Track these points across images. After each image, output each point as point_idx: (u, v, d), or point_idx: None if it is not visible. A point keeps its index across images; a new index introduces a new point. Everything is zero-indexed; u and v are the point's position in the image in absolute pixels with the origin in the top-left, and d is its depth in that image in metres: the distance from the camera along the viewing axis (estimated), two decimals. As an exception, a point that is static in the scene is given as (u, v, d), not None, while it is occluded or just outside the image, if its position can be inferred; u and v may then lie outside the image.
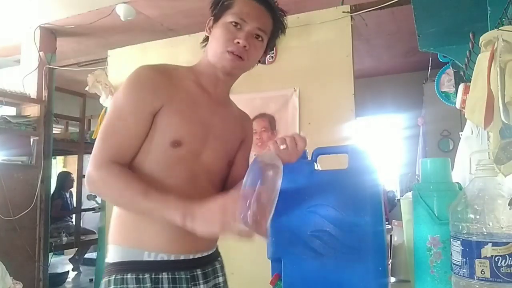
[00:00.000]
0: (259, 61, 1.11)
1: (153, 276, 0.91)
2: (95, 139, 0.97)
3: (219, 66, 1.01)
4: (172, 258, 0.95)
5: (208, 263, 1.03)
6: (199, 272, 0.98)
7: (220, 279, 1.07)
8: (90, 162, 0.92)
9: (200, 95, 1.03)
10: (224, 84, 1.07)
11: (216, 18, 1.03)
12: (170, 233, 0.94)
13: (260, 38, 1.02)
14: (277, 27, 1.08)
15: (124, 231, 0.97)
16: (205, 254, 1.02)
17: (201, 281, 0.98)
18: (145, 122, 0.94)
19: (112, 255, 0.96)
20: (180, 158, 0.96)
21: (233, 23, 0.99)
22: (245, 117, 1.20)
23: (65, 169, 6.15)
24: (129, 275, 0.91)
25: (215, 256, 1.08)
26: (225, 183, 1.11)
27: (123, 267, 0.93)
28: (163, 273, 0.92)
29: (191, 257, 0.97)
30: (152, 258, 0.93)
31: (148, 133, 0.95)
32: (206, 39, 1.07)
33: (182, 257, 0.96)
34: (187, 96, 1.00)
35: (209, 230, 0.85)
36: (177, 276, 0.94)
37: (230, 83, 1.10)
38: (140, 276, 0.91)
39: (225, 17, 1.01)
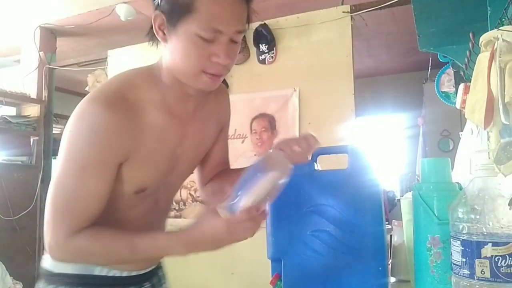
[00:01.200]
0: None
1: None
2: None
3: (194, 86, 0.84)
4: (125, 274, 0.91)
5: (154, 275, 1.01)
6: (147, 285, 0.97)
7: (165, 286, 1.05)
8: (49, 233, 0.78)
9: (167, 123, 0.86)
10: (196, 98, 0.90)
11: (172, 21, 0.78)
12: None
13: (236, 41, 0.82)
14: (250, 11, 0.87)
15: None
16: (153, 267, 1.00)
17: None
18: (111, 179, 0.80)
19: (58, 264, 0.86)
20: (141, 198, 0.88)
21: (204, 39, 0.77)
22: (221, 99, 1.05)
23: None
24: None
25: (159, 265, 1.05)
26: (200, 172, 1.08)
27: (71, 280, 0.85)
28: None
29: (141, 272, 0.95)
30: (104, 273, 0.87)
31: None
32: (153, 37, 0.85)
33: (134, 273, 0.93)
34: (153, 135, 0.83)
35: (216, 249, 0.81)
36: None
37: (204, 95, 0.93)
38: None
39: (187, 24, 0.76)
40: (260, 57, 2.75)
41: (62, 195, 0.79)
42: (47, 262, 0.89)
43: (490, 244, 0.69)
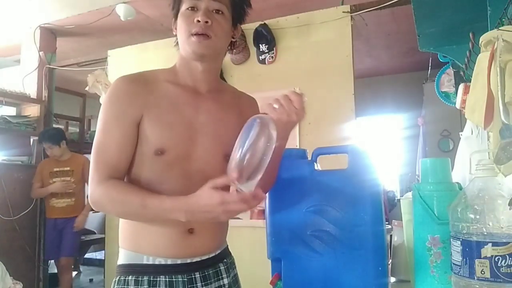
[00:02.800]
0: (233, 39, 1.07)
1: (151, 279, 0.96)
2: None
3: (190, 53, 0.99)
4: (169, 262, 0.97)
5: (210, 266, 1.02)
6: (197, 275, 0.99)
7: (225, 281, 1.04)
8: (90, 182, 0.95)
9: (180, 94, 1.01)
10: (204, 74, 1.03)
11: (175, 13, 1.03)
12: (166, 239, 0.97)
13: (220, 12, 0.99)
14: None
15: (126, 236, 1.01)
16: (204, 257, 1.01)
17: (199, 284, 0.99)
18: (130, 133, 0.95)
19: (120, 257, 1.02)
20: (167, 164, 0.96)
21: (189, 9, 0.98)
22: (247, 102, 1.16)
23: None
24: (130, 277, 0.97)
25: (220, 258, 1.06)
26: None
27: (126, 269, 0.98)
28: (161, 276, 0.96)
29: (188, 261, 0.99)
30: (150, 262, 0.97)
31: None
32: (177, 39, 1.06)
33: (179, 261, 0.98)
34: (165, 100, 0.99)
35: (211, 220, 0.90)
36: (174, 280, 0.96)
37: (211, 71, 1.05)
38: (140, 278, 0.96)
39: (181, 6, 1.00)
40: (260, 57, 2.75)
41: (95, 147, 0.96)
42: (118, 258, 1.02)
43: (490, 244, 0.69)
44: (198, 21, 0.96)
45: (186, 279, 0.97)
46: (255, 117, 0.87)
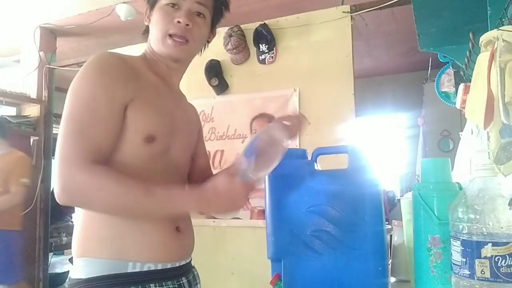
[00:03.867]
0: (208, 42, 1.06)
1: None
2: None
3: (164, 54, 0.95)
4: (160, 267, 0.88)
5: (189, 271, 1.00)
6: (184, 280, 0.94)
7: (199, 286, 1.04)
8: (61, 166, 0.78)
9: (161, 85, 0.97)
10: (175, 72, 1.02)
11: (152, 3, 0.97)
12: (157, 239, 0.88)
13: (202, 15, 0.96)
14: (219, 1, 1.01)
15: (100, 241, 0.85)
16: (188, 261, 1.00)
17: None
18: (119, 115, 0.84)
19: (86, 269, 0.84)
20: (153, 154, 0.89)
21: (170, 4, 0.93)
22: (193, 107, 1.16)
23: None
24: None
25: (191, 264, 1.04)
26: (189, 176, 1.10)
27: (103, 282, 0.82)
28: (151, 285, 0.85)
29: (177, 264, 0.92)
30: (137, 269, 0.84)
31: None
32: (147, 29, 1.01)
33: (169, 266, 0.90)
34: (152, 88, 0.93)
35: (227, 209, 0.86)
36: (164, 287, 0.88)
37: (182, 71, 1.04)
38: None
39: (159, 1, 0.94)
40: (260, 57, 2.75)
41: (74, 123, 0.81)
42: (76, 270, 0.86)
43: (490, 244, 0.69)
44: (179, 22, 0.92)
45: (176, 285, 0.90)
46: (273, 125, 0.94)
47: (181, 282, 0.93)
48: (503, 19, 0.90)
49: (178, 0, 0.93)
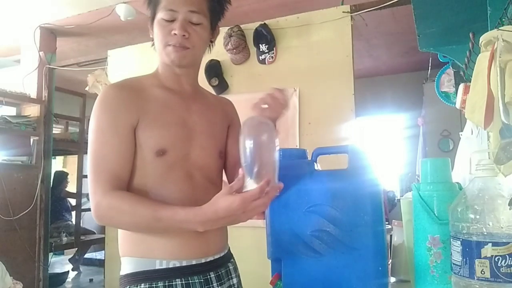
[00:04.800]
0: (212, 42, 1.08)
1: (166, 284, 0.92)
2: None
3: (169, 61, 1.00)
4: (184, 263, 0.95)
5: (221, 265, 1.03)
6: (212, 275, 0.99)
7: (234, 280, 1.07)
8: (90, 196, 0.91)
9: (169, 98, 1.01)
10: (186, 77, 1.05)
11: (152, 18, 1.02)
12: (179, 239, 0.95)
13: (198, 23, 0.99)
14: (214, 2, 1.03)
15: (133, 242, 0.97)
16: (217, 256, 1.02)
17: (214, 284, 0.99)
18: (128, 139, 0.93)
19: (125, 267, 0.97)
20: (169, 165, 0.96)
21: (165, 18, 0.97)
22: (225, 101, 1.20)
23: (64, 169, 6.11)
24: (142, 285, 0.92)
25: (228, 257, 1.08)
26: (227, 172, 1.12)
27: (135, 277, 0.94)
28: (177, 280, 0.93)
29: (202, 261, 0.98)
30: (164, 266, 0.94)
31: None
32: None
33: (194, 262, 0.96)
34: (158, 104, 0.98)
35: (233, 223, 0.88)
36: (190, 281, 0.94)
37: (192, 75, 1.08)
38: (154, 285, 0.92)
39: (157, 15, 0.99)
40: (260, 57, 2.75)
41: (92, 159, 0.92)
42: (121, 268, 0.98)
43: (490, 244, 0.69)
44: (175, 34, 0.96)
45: (202, 280, 0.96)
46: (252, 120, 0.89)
47: (208, 277, 0.98)
48: (503, 19, 0.90)
49: (172, 14, 0.97)
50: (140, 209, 0.87)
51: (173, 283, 0.92)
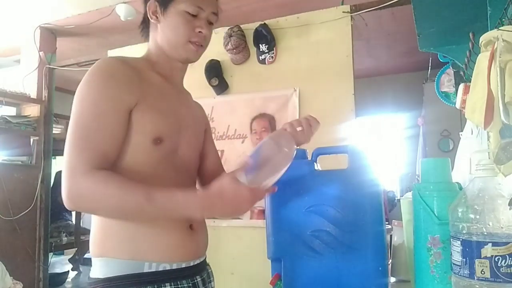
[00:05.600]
0: None
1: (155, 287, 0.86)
2: None
3: (181, 57, 0.99)
4: (175, 266, 0.89)
5: (203, 270, 1.01)
6: (198, 279, 0.96)
7: (213, 284, 1.05)
8: (67, 173, 0.80)
9: (164, 85, 0.98)
10: (180, 72, 1.05)
11: (164, 3, 0.97)
12: (172, 238, 0.89)
13: (211, 24, 1.01)
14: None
15: (118, 241, 0.87)
16: (202, 259, 1.00)
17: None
18: (124, 120, 0.85)
19: (104, 269, 0.86)
20: (162, 156, 0.90)
21: (190, 13, 0.96)
22: (200, 105, 1.18)
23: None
24: None
25: (206, 262, 1.05)
26: (200, 176, 1.11)
27: (121, 282, 0.84)
28: (166, 284, 0.87)
29: (191, 263, 0.94)
30: (153, 269, 0.86)
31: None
32: (145, 24, 1.06)
33: (183, 265, 0.91)
34: (155, 88, 0.94)
35: (232, 213, 0.84)
36: (179, 286, 0.90)
37: (184, 69, 1.07)
38: None
39: (177, 4, 0.96)
40: (260, 57, 2.75)
41: (77, 131, 0.82)
42: (94, 270, 0.88)
43: (490, 244, 0.69)
44: (200, 32, 0.97)
45: (190, 284, 0.92)
46: (281, 133, 0.96)
47: (196, 281, 0.95)
48: (503, 19, 0.90)
49: (199, 11, 0.97)
50: (131, 190, 0.79)
51: (162, 287, 0.86)
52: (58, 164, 6.64)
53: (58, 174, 5.29)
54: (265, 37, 2.70)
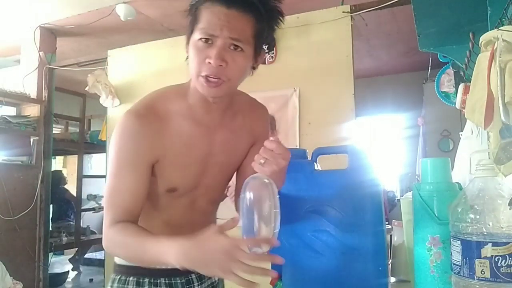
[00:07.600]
0: (254, 68, 0.98)
1: (152, 281, 1.00)
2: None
3: (199, 90, 0.89)
4: (169, 266, 0.90)
5: None
6: (193, 276, 1.04)
7: (216, 278, 1.10)
8: (103, 225, 0.93)
9: (194, 132, 0.94)
10: (218, 104, 0.95)
11: (188, 35, 0.89)
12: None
13: (239, 49, 0.85)
14: (268, 23, 0.89)
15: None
16: None
17: (195, 284, 1.04)
18: (145, 176, 0.91)
19: (119, 258, 1.04)
20: (177, 196, 0.99)
21: (203, 40, 0.84)
22: (256, 116, 1.08)
23: (63, 169, 6.10)
24: (131, 278, 1.01)
25: None
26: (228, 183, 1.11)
27: (127, 270, 1.02)
28: (161, 278, 1.00)
29: None
30: (151, 267, 0.98)
31: None
32: None
33: (177, 266, 0.94)
34: (181, 140, 0.93)
35: (210, 274, 0.93)
36: (173, 281, 1.01)
37: (226, 101, 0.97)
38: (141, 280, 1.00)
39: (194, 34, 0.86)
40: (260, 57, 2.75)
41: (107, 191, 0.92)
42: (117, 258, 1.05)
43: (490, 244, 0.69)
44: (209, 62, 0.83)
45: (184, 280, 1.02)
46: (253, 180, 0.81)
47: (190, 277, 1.03)
48: (503, 19, 0.90)
49: (211, 36, 0.83)
50: (131, 243, 0.87)
51: (158, 280, 1.00)
52: (58, 164, 6.64)
53: (53, 173, 5.28)
54: (265, 37, 2.70)
